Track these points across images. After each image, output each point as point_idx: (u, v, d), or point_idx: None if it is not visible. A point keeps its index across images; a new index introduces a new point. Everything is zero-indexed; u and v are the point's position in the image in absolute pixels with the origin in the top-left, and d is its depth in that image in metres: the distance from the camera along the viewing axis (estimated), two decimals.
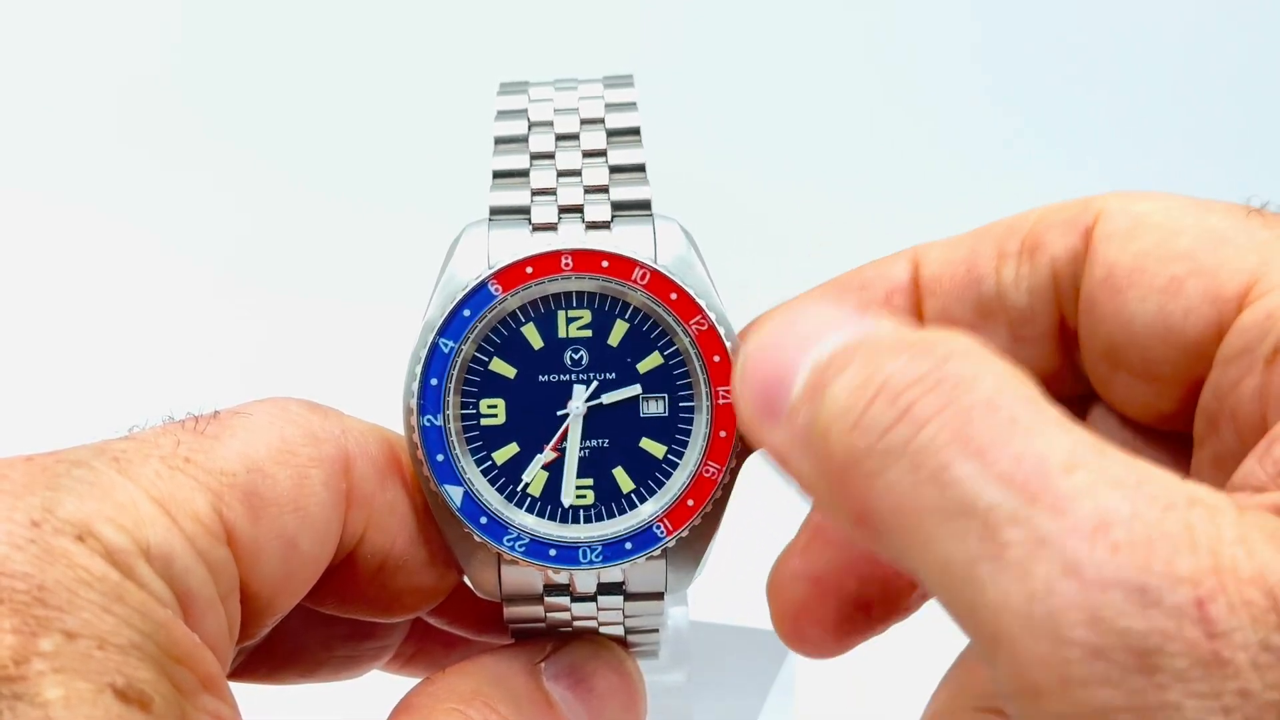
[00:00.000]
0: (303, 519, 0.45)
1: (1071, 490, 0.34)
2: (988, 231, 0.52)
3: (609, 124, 0.53)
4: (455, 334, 0.49)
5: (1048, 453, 0.35)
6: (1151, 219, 0.48)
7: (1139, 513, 0.33)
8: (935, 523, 0.35)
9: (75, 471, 0.41)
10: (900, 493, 0.36)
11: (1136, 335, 0.47)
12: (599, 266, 0.49)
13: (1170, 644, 0.32)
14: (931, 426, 0.36)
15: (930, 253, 0.52)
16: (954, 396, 0.37)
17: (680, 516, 0.49)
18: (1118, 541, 0.33)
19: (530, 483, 0.50)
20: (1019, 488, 0.34)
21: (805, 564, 0.50)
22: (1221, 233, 0.46)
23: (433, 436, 0.49)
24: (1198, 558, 0.32)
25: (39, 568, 0.37)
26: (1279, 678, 0.32)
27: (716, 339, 0.49)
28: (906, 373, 0.38)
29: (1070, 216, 0.50)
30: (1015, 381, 0.38)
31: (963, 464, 0.35)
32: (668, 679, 0.72)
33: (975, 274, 0.51)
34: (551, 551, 0.49)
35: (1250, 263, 0.44)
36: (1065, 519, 0.33)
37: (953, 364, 0.38)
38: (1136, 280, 0.47)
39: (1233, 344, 0.44)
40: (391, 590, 0.51)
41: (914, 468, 0.36)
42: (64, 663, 0.36)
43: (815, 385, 0.41)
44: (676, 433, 0.50)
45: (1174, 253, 0.46)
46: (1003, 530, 0.34)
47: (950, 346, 0.39)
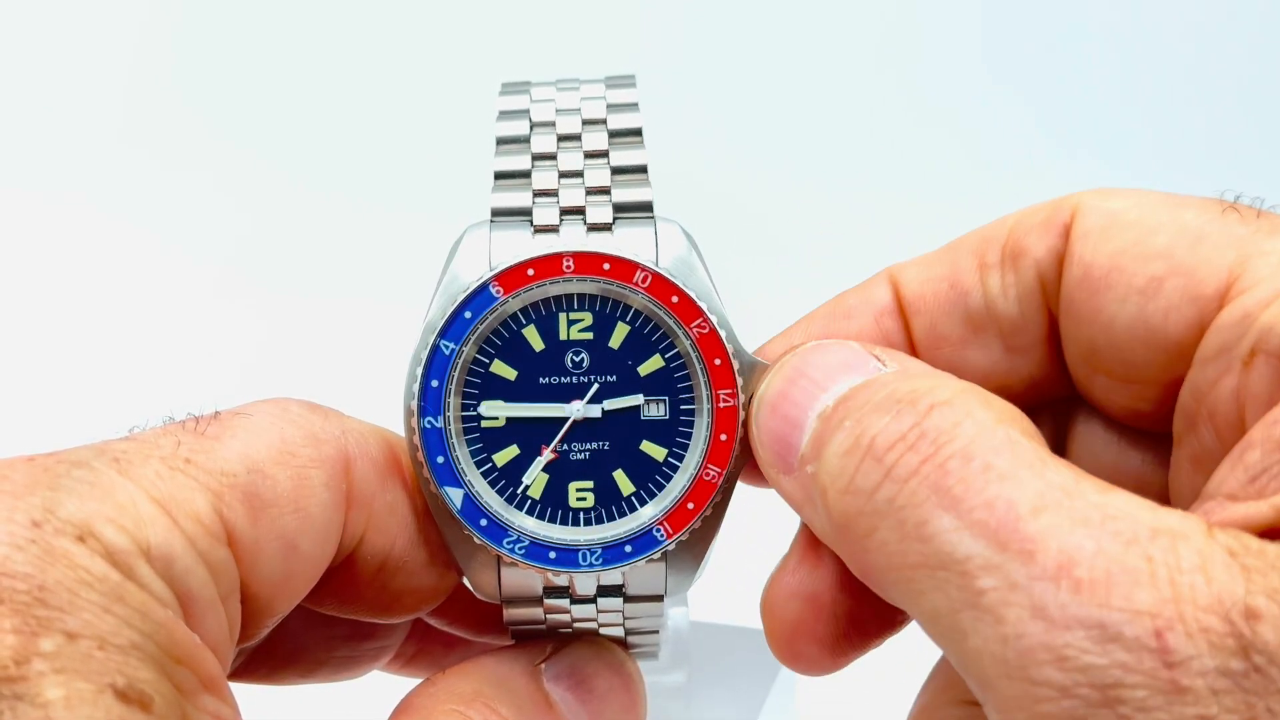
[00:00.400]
0: (303, 520, 0.45)
1: (1038, 533, 0.36)
2: (962, 244, 0.52)
3: (611, 125, 0.53)
4: (456, 336, 0.49)
5: (1016, 498, 0.37)
6: (1127, 216, 0.47)
7: (1102, 549, 0.35)
8: (922, 576, 0.37)
9: (76, 472, 0.41)
10: (890, 550, 0.39)
11: (1117, 337, 0.47)
12: (600, 269, 0.49)
13: (1130, 676, 0.33)
14: (912, 483, 0.39)
15: (907, 272, 0.53)
16: (933, 450, 0.39)
17: (680, 519, 0.49)
18: (1080, 580, 0.34)
19: (530, 485, 0.50)
20: (991, 535, 0.36)
21: (798, 581, 0.50)
22: (1198, 230, 0.46)
23: (433, 438, 0.49)
24: (1157, 589, 0.34)
25: (40, 568, 0.37)
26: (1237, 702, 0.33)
27: (718, 342, 0.49)
28: (890, 431, 0.40)
29: (1046, 217, 0.50)
30: (994, 425, 0.39)
31: (940, 518, 0.37)
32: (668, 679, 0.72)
33: (960, 288, 0.51)
34: (551, 554, 0.49)
35: (1228, 259, 0.44)
36: (1033, 563, 0.35)
37: (933, 417, 0.40)
38: (1114, 281, 0.47)
39: (1211, 343, 0.44)
40: (391, 591, 0.51)
41: (899, 525, 0.38)
42: (65, 663, 0.36)
43: (818, 440, 0.43)
44: (677, 436, 0.50)
45: (1151, 251, 0.46)
46: (978, 578, 0.36)
47: (934, 397, 0.41)
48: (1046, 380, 0.51)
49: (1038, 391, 0.52)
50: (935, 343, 0.51)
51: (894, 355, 0.47)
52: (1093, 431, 0.52)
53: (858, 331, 0.51)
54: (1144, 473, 0.50)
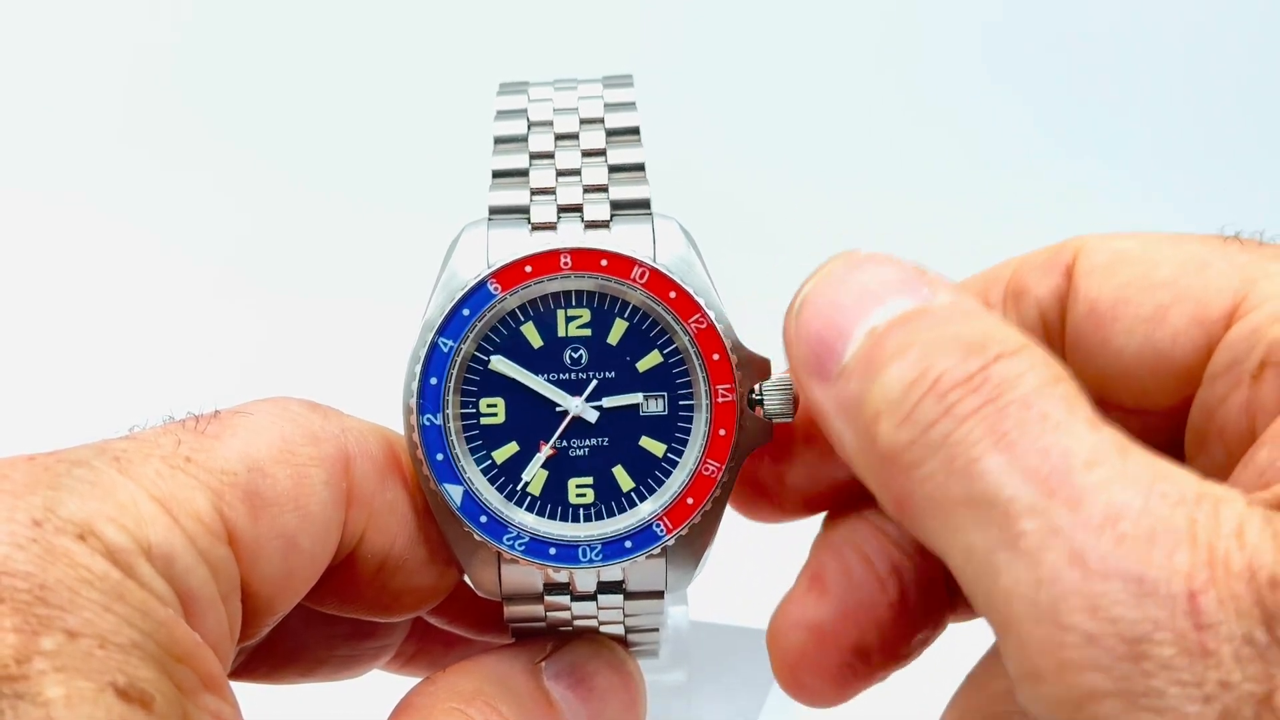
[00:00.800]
0: (303, 518, 0.46)
1: (1088, 485, 0.36)
2: (967, 285, 0.53)
3: (608, 123, 0.53)
4: (455, 333, 0.49)
5: (1071, 448, 0.37)
6: (1131, 254, 0.48)
7: (1148, 508, 0.35)
8: (962, 512, 0.37)
9: (76, 471, 0.41)
10: (935, 483, 0.38)
11: (1126, 366, 0.47)
12: (598, 265, 0.49)
13: (1159, 633, 0.33)
14: (970, 423, 0.38)
15: None
16: (994, 395, 0.39)
17: (680, 515, 0.49)
18: (1123, 534, 0.34)
19: (530, 481, 0.50)
20: (1040, 481, 0.36)
21: (804, 612, 0.50)
22: (1202, 259, 0.46)
23: (432, 435, 0.49)
24: (1195, 551, 0.34)
25: (40, 567, 0.37)
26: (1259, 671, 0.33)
27: (715, 337, 0.49)
28: (957, 372, 0.40)
29: (1048, 258, 0.51)
30: (1055, 381, 0.39)
31: (992, 458, 0.37)
32: (668, 679, 0.72)
33: None
34: (551, 550, 0.49)
35: (1233, 283, 0.45)
36: (1079, 512, 0.35)
37: (999, 365, 0.40)
38: (1121, 312, 0.47)
39: (1220, 360, 0.45)
40: (392, 590, 0.51)
41: (949, 460, 0.38)
42: (65, 662, 0.36)
43: (869, 359, 0.42)
44: (676, 431, 0.50)
45: (1156, 281, 0.47)
46: (1020, 520, 0.36)
47: (1002, 347, 0.40)
48: None
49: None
50: None
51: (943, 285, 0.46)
52: None
53: None
54: None
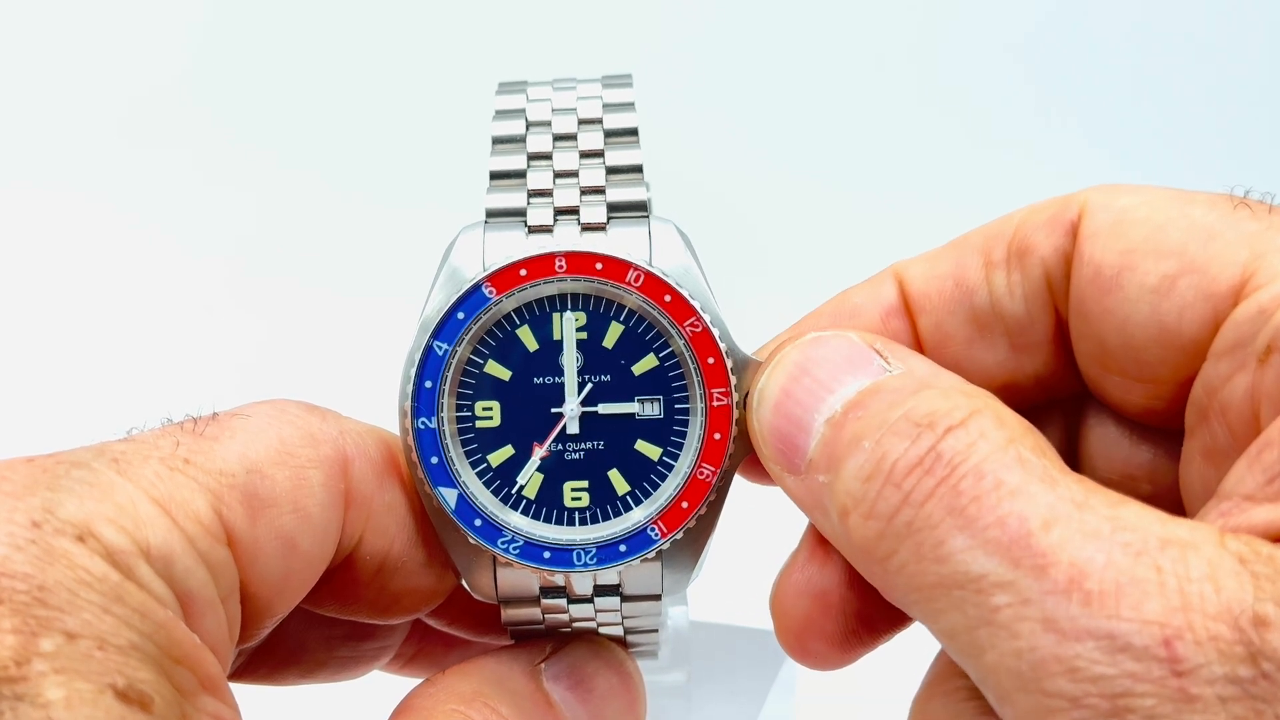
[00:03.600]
0: (302, 519, 0.46)
1: (1049, 547, 0.36)
2: (968, 242, 0.52)
3: (607, 124, 0.53)
4: (449, 336, 0.49)
5: (1028, 513, 0.37)
6: (1136, 214, 0.47)
7: (1111, 560, 0.35)
8: (940, 595, 0.38)
9: (75, 473, 0.41)
10: (910, 572, 0.39)
11: (1130, 337, 0.47)
12: (593, 269, 0.49)
13: (1139, 685, 0.34)
14: (929, 505, 0.39)
15: (912, 269, 0.52)
16: (947, 473, 0.39)
17: (675, 518, 0.49)
18: (1090, 592, 0.35)
19: (525, 485, 0.50)
20: (1004, 552, 0.37)
21: (807, 578, 0.50)
22: (1210, 226, 0.45)
23: (427, 439, 0.49)
24: (1165, 599, 0.34)
25: (39, 568, 0.37)
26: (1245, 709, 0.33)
27: (711, 341, 0.49)
28: (909, 456, 0.41)
29: (1053, 215, 0.50)
30: (1006, 445, 0.40)
31: (955, 538, 0.38)
32: (668, 679, 0.72)
33: (965, 287, 0.51)
34: (546, 554, 0.49)
35: (1242, 256, 0.44)
36: (1045, 578, 0.36)
37: (948, 440, 0.40)
38: (1126, 280, 0.47)
39: (1225, 339, 0.44)
40: (390, 591, 0.51)
41: (917, 547, 0.39)
42: (65, 663, 0.36)
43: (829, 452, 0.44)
44: (671, 435, 0.50)
45: (1163, 249, 0.46)
46: (993, 595, 0.37)
47: (950, 419, 0.41)
48: (1054, 378, 0.51)
49: (1046, 389, 0.52)
50: (941, 341, 0.51)
51: (896, 351, 0.47)
52: (1104, 428, 0.52)
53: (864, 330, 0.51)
54: (1155, 468, 0.50)
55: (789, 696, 0.75)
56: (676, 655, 0.71)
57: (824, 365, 0.46)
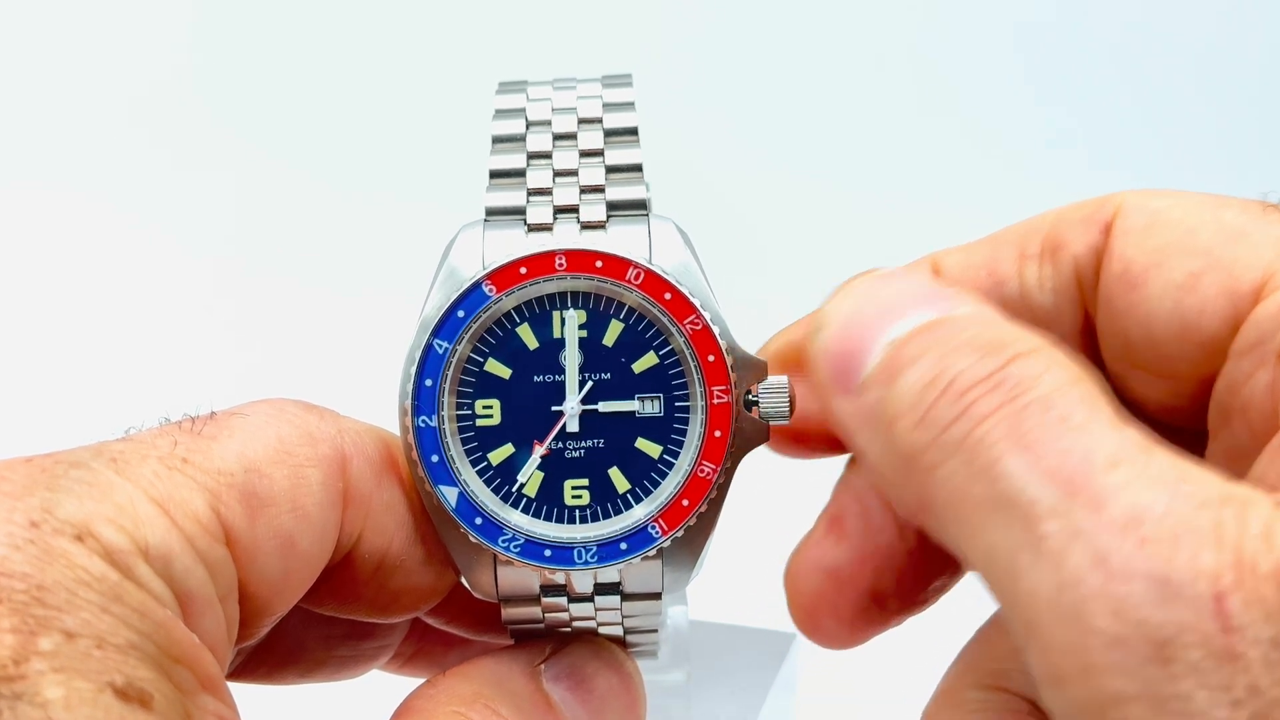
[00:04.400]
0: (300, 518, 0.46)
1: (1111, 486, 0.35)
2: (1005, 235, 0.52)
3: (607, 124, 0.53)
4: (450, 334, 0.49)
5: (1093, 449, 0.36)
6: (1169, 215, 0.48)
7: (1172, 509, 0.34)
8: (984, 513, 0.37)
9: (74, 472, 0.41)
10: (955, 485, 0.38)
11: (1154, 332, 0.47)
12: (593, 266, 0.49)
13: (1186, 635, 0.33)
14: (988, 423, 0.38)
15: (949, 258, 0.53)
16: (1013, 395, 0.38)
17: (675, 516, 0.49)
18: (1146, 535, 0.34)
19: (525, 483, 0.50)
20: (1062, 482, 0.36)
21: (822, 555, 0.50)
22: (1238, 228, 0.46)
23: (428, 437, 0.49)
24: (1221, 553, 0.33)
25: (38, 568, 0.37)
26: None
27: (711, 338, 0.49)
28: (973, 372, 0.39)
29: (1089, 214, 0.50)
30: (1074, 381, 0.39)
31: (1012, 459, 0.37)
32: (668, 679, 0.72)
33: (997, 277, 0.51)
34: (546, 552, 0.49)
35: (1266, 257, 0.45)
36: (1101, 513, 0.35)
37: (1016, 365, 0.39)
38: (1153, 276, 0.47)
39: (1246, 338, 0.44)
40: (389, 590, 0.51)
41: (969, 461, 0.38)
42: (63, 662, 0.36)
43: (889, 367, 0.42)
44: (672, 433, 0.50)
45: (1191, 248, 0.46)
46: (1043, 522, 0.35)
47: (1018, 347, 0.40)
48: None
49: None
50: None
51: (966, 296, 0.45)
52: None
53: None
54: None
55: (789, 696, 0.75)
56: (676, 655, 0.71)
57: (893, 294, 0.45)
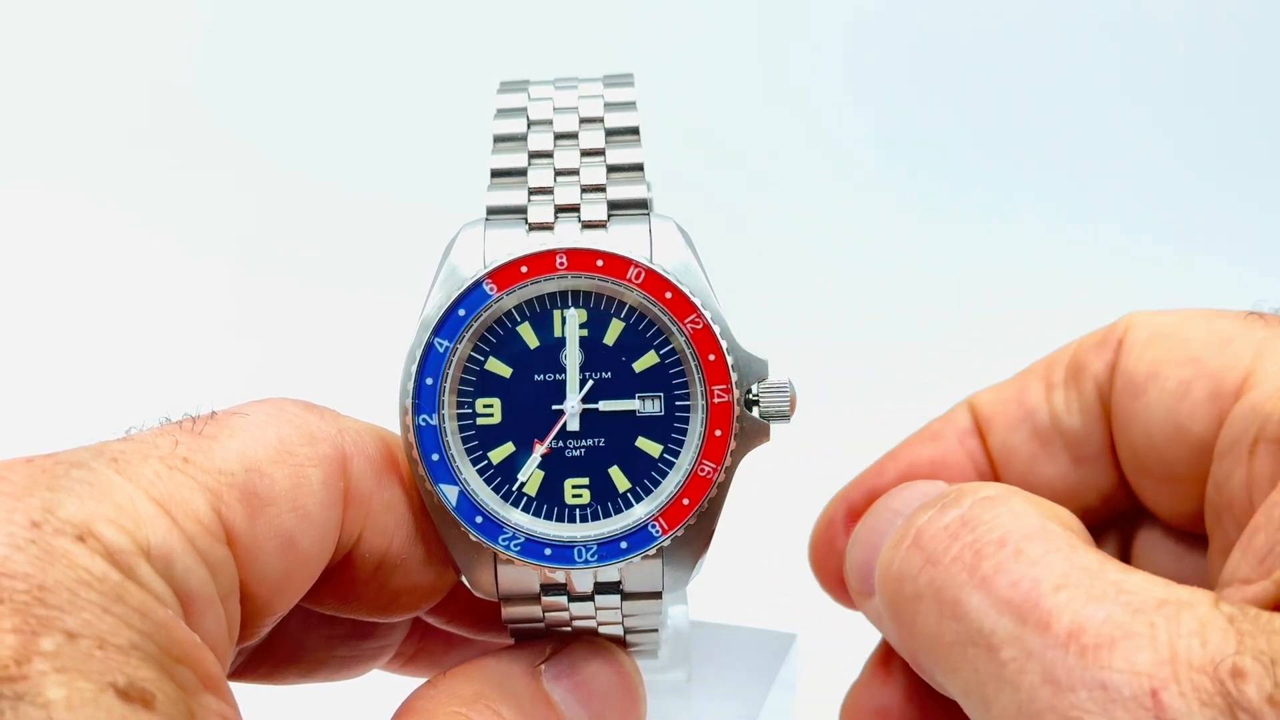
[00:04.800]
0: (301, 518, 0.46)
1: (1056, 607, 0.39)
2: (1032, 369, 0.58)
3: (608, 123, 0.53)
4: (450, 333, 0.49)
5: (1042, 577, 0.40)
6: (1168, 329, 0.52)
7: (1110, 617, 0.38)
8: (957, 654, 0.41)
9: (74, 473, 0.41)
10: (931, 631, 0.42)
11: (1153, 438, 0.51)
12: (594, 266, 0.49)
13: None
14: (951, 566, 0.42)
15: (983, 396, 0.59)
16: (972, 538, 0.43)
17: (675, 515, 0.49)
18: (1086, 646, 0.38)
19: (526, 482, 0.50)
20: (1014, 611, 0.40)
21: (870, 695, 0.55)
22: (1226, 335, 0.50)
23: (428, 436, 0.49)
24: (1155, 651, 0.37)
25: (39, 568, 0.37)
26: None
27: (712, 338, 0.49)
28: (935, 522, 0.45)
29: (1103, 336, 0.55)
30: (1031, 516, 0.43)
31: (971, 596, 0.41)
32: (668, 678, 0.72)
33: (1027, 407, 0.57)
34: (547, 551, 0.49)
35: (1246, 360, 0.48)
36: (1048, 633, 0.39)
37: (974, 509, 0.44)
38: (1151, 386, 0.51)
39: (1226, 438, 0.48)
40: (390, 589, 0.51)
41: (938, 605, 0.42)
42: (65, 662, 0.36)
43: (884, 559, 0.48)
44: (672, 432, 0.50)
45: (1184, 357, 0.50)
46: (1002, 650, 0.39)
47: (977, 494, 0.45)
48: (1116, 492, 0.55)
49: (1110, 504, 0.56)
50: (1008, 457, 0.57)
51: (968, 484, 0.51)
52: (1153, 541, 0.56)
53: (944, 451, 0.58)
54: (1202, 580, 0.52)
55: (789, 696, 0.75)
56: (676, 655, 0.70)
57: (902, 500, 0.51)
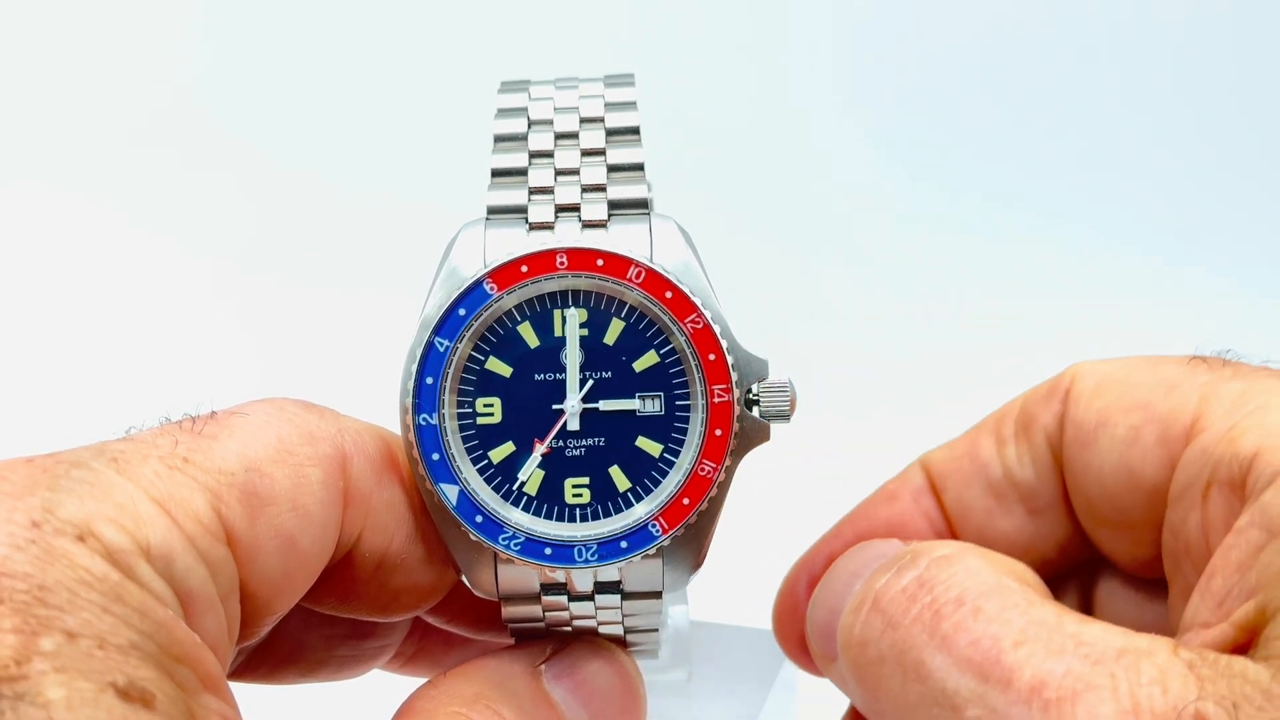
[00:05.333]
0: (301, 517, 0.46)
1: (1017, 663, 0.40)
2: (982, 425, 0.58)
3: (608, 123, 0.53)
4: (451, 332, 0.49)
5: (1001, 634, 0.41)
6: (1114, 376, 0.53)
7: (1071, 670, 0.39)
8: (923, 715, 0.42)
9: (75, 472, 0.41)
10: (896, 694, 0.43)
11: (1106, 486, 0.51)
12: (594, 265, 0.49)
13: None
14: (911, 628, 0.43)
15: (935, 455, 0.59)
16: (930, 598, 0.43)
17: (676, 515, 0.49)
18: (1049, 700, 0.38)
19: (526, 481, 0.50)
20: (975, 669, 0.40)
21: None
22: (1171, 380, 0.50)
23: (428, 435, 0.49)
24: (1118, 702, 0.37)
25: (39, 568, 0.37)
26: None
27: (712, 337, 0.49)
28: (892, 585, 0.45)
29: (1050, 388, 0.55)
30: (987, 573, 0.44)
31: (933, 657, 0.42)
32: (668, 678, 0.72)
33: (979, 462, 0.57)
34: (547, 550, 0.49)
35: (1193, 404, 0.48)
36: (1009, 690, 0.39)
37: (930, 569, 0.45)
38: (1101, 434, 0.52)
39: (1178, 482, 0.48)
40: (390, 589, 0.51)
41: (900, 668, 0.43)
42: (65, 662, 0.36)
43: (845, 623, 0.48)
44: (672, 431, 0.50)
45: (1131, 403, 0.51)
46: (966, 710, 0.40)
47: (934, 553, 0.46)
48: (1073, 542, 0.56)
49: (1068, 555, 0.56)
50: (964, 514, 0.57)
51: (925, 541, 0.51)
52: (1113, 589, 0.56)
53: (900, 512, 0.58)
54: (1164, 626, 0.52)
55: (789, 696, 0.75)
56: (676, 655, 0.71)
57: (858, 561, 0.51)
